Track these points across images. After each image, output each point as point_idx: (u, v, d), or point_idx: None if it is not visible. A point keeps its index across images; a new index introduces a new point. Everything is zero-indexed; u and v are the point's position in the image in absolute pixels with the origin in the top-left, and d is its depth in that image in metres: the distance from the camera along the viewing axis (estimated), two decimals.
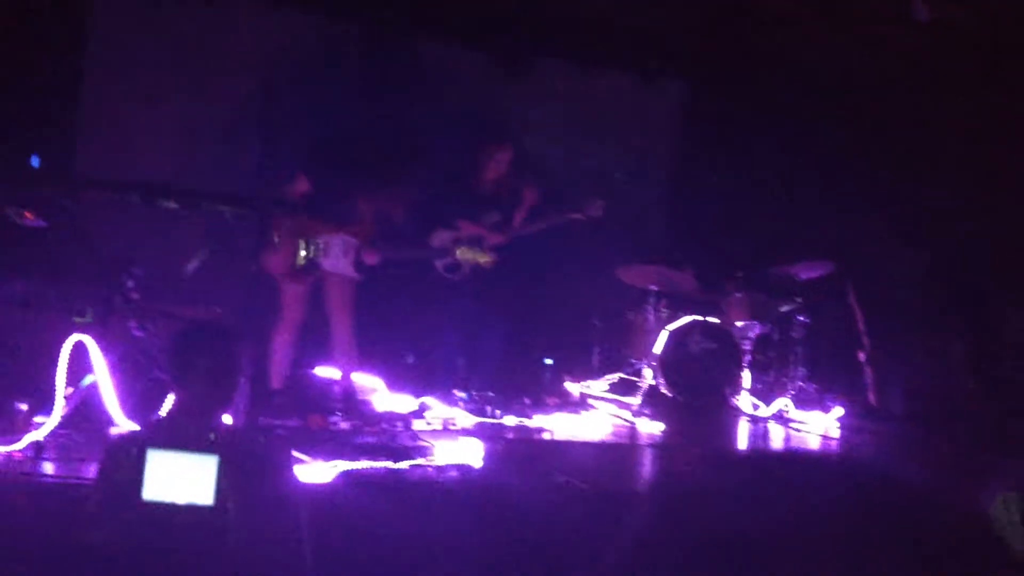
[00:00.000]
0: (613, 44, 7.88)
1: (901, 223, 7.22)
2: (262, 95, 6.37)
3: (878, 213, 7.33)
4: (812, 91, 7.87)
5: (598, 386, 7.01)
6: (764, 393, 6.93)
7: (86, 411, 4.09)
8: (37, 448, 3.80)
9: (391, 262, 5.84)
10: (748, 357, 6.92)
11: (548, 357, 7.31)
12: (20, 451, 3.77)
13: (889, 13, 6.85)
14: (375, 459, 4.15)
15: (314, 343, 5.70)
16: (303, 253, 5.20)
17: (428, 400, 5.71)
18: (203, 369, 2.85)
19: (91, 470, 3.33)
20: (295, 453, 4.00)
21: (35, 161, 4.42)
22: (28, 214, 4.43)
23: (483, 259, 5.92)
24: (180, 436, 2.79)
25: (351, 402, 5.28)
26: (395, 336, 6.75)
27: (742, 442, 6.21)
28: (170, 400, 3.00)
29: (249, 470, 2.76)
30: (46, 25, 6.29)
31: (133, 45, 6.73)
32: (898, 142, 7.66)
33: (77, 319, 4.83)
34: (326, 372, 5.93)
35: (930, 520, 4.39)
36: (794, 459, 5.89)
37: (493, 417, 5.60)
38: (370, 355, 6.04)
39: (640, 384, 6.64)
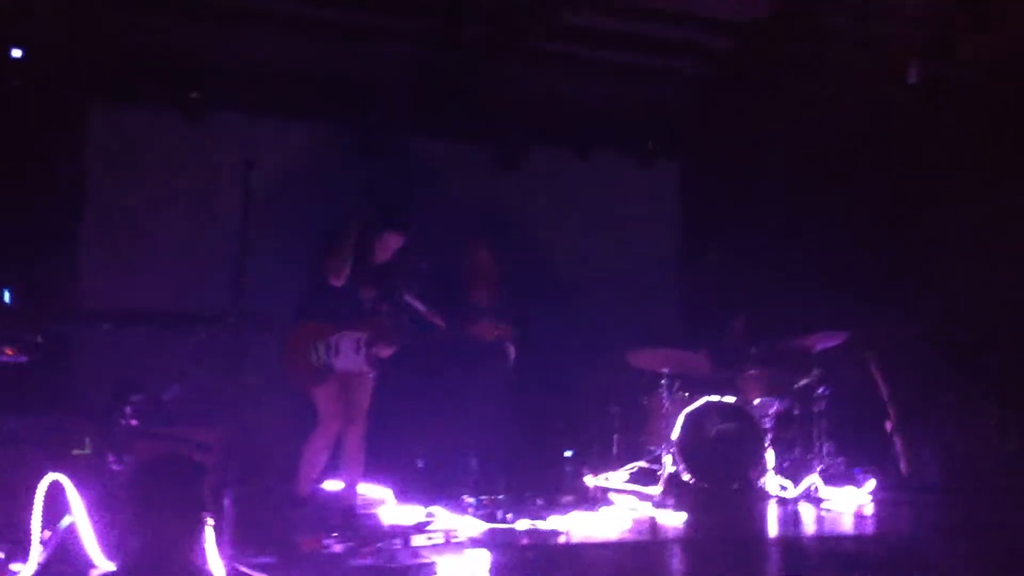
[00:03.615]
0: (608, 129, 7.89)
1: (918, 287, 7.02)
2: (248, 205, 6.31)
3: (893, 278, 7.14)
4: (814, 159, 7.78)
5: (617, 478, 6.74)
6: (791, 471, 6.62)
7: (65, 554, 3.90)
8: None
9: (411, 350, 5.71)
10: (770, 435, 6.64)
11: (567, 449, 7.09)
12: None
13: (883, 77, 6.82)
14: None
15: None
16: (315, 356, 5.11)
17: (436, 509, 5.46)
18: (163, 503, 2.69)
19: None
20: None
21: (6, 296, 4.34)
22: (8, 350, 4.33)
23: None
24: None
25: (351, 519, 5.06)
26: (406, 439, 6.56)
27: (773, 528, 5.88)
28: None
29: None
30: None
31: (125, 170, 6.83)
32: (913, 204, 7.50)
33: (76, 451, 4.70)
34: (332, 485, 5.72)
35: None
36: (833, 543, 5.53)
37: (504, 522, 5.34)
38: (379, 461, 5.86)
39: (660, 472, 6.37)
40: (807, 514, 6.11)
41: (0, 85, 6.20)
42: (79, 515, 3.87)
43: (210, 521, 3.47)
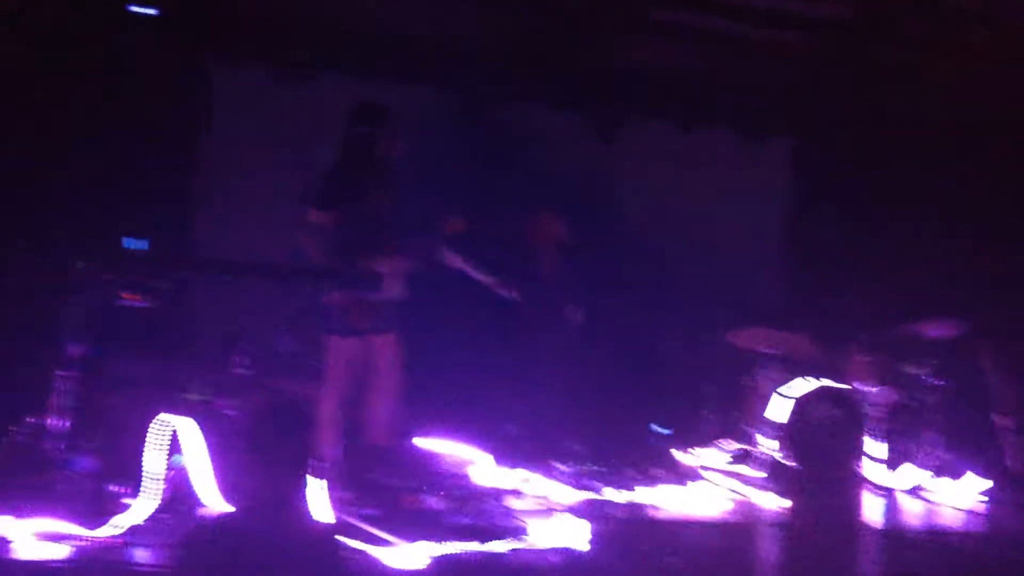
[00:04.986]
0: (712, 103, 7.71)
1: None
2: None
3: (1013, 267, 6.80)
4: (932, 139, 7.45)
5: (711, 456, 6.65)
6: (896, 463, 6.41)
7: (182, 493, 4.04)
8: (131, 532, 3.76)
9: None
10: (876, 424, 6.44)
11: (658, 425, 7.03)
12: (114, 536, 3.73)
13: (1005, 55, 6.48)
14: (470, 541, 3.94)
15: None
16: None
17: (528, 474, 5.47)
18: (277, 451, 2.75)
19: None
20: (385, 536, 3.84)
21: (131, 243, 4.49)
22: (128, 296, 4.49)
23: None
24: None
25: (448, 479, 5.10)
26: (495, 404, 6.60)
27: (875, 519, 5.71)
28: None
29: None
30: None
31: (241, 126, 7.01)
32: None
33: (185, 396, 4.87)
34: (426, 444, 5.79)
35: None
36: (935, 538, 5.33)
37: (596, 491, 5.32)
38: (468, 425, 5.90)
39: (759, 454, 6.25)
40: (912, 507, 5.92)
41: (124, 39, 6.41)
42: (194, 457, 4.00)
43: (320, 471, 3.54)
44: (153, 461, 3.90)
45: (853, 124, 7.69)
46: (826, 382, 6.49)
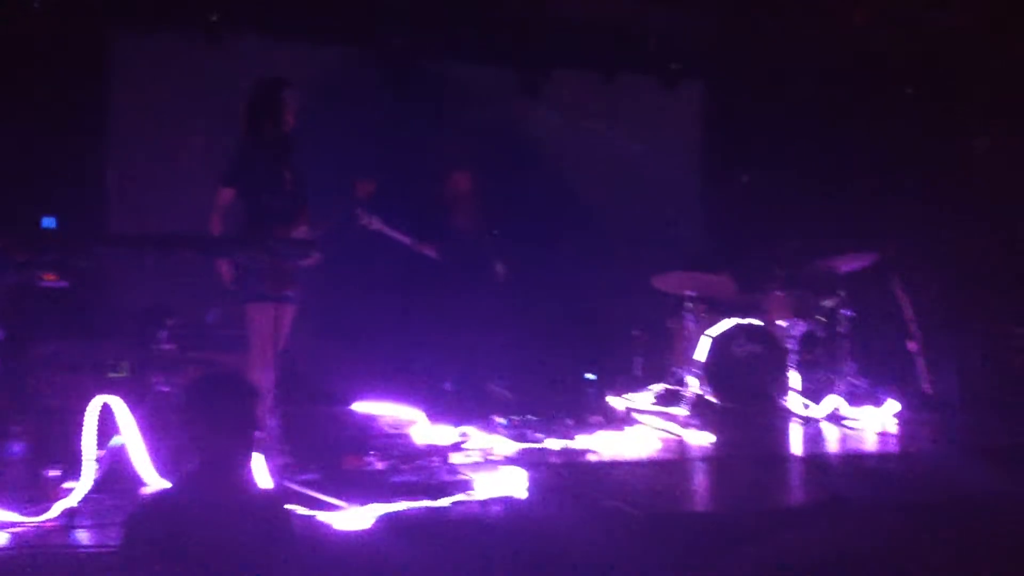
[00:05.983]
0: (631, 49, 7.76)
1: (943, 209, 6.97)
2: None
3: (918, 200, 7.10)
4: (840, 80, 7.66)
5: (642, 399, 6.83)
6: (814, 392, 6.70)
7: (117, 473, 4.01)
8: (70, 515, 3.73)
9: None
10: (794, 356, 6.70)
11: (590, 372, 7.16)
12: (53, 520, 3.70)
13: None
14: (414, 499, 4.02)
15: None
16: None
17: (467, 429, 5.57)
18: (216, 421, 2.75)
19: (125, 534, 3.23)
20: (329, 499, 3.89)
21: (48, 222, 4.37)
22: (48, 276, 4.38)
23: None
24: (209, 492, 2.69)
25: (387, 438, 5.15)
26: (432, 362, 6.64)
27: (797, 447, 5.98)
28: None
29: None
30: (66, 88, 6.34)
31: (148, 96, 6.80)
32: (942, 125, 7.40)
33: (112, 374, 4.79)
34: (362, 407, 5.82)
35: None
36: (856, 462, 5.61)
37: (535, 442, 5.44)
38: (408, 384, 5.94)
39: (685, 394, 6.45)
40: (831, 433, 6.20)
41: (21, 10, 6.14)
42: (129, 435, 3.97)
43: (258, 440, 3.54)
44: (87, 442, 3.86)
45: (768, 68, 7.82)
46: (747, 320, 6.70)
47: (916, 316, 6.92)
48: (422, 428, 5.73)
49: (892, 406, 6.60)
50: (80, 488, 3.84)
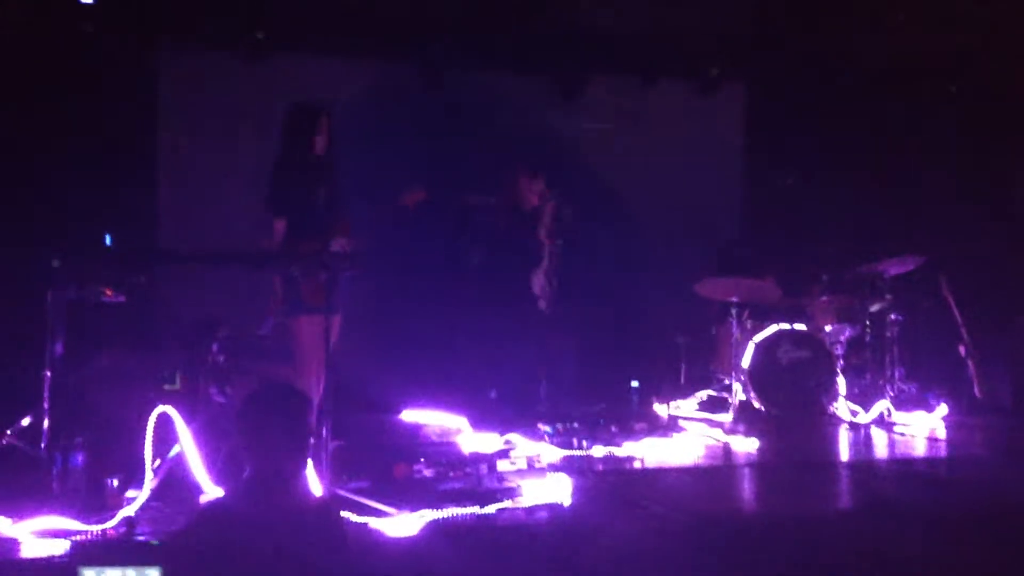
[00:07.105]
0: (669, 55, 7.77)
1: (991, 210, 6.88)
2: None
3: (966, 201, 7.01)
4: (885, 82, 7.58)
5: (687, 406, 6.83)
6: (862, 398, 6.64)
7: (175, 481, 4.12)
8: (129, 523, 3.84)
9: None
10: (841, 362, 6.65)
11: (634, 379, 7.17)
12: (113, 528, 3.81)
13: None
14: (462, 505, 4.08)
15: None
16: None
17: (513, 437, 5.61)
18: (271, 433, 2.82)
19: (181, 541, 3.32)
20: (379, 506, 3.96)
21: (108, 240, 4.52)
22: (107, 291, 4.52)
23: None
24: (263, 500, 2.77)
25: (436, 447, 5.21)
26: (476, 371, 6.70)
27: (845, 453, 5.93)
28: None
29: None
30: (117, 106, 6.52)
31: (197, 113, 6.98)
32: (990, 126, 7.29)
33: (167, 387, 4.93)
34: (411, 417, 5.90)
35: None
36: (905, 467, 5.55)
37: (580, 449, 5.47)
38: (453, 393, 6.01)
39: (730, 400, 6.44)
40: (879, 439, 6.14)
41: (74, 32, 6.34)
42: (185, 445, 4.08)
43: (311, 448, 3.62)
44: (146, 452, 3.98)
45: (810, 71, 7.77)
46: (792, 326, 6.66)
47: (964, 319, 6.83)
48: (468, 436, 5.80)
49: (942, 411, 6.53)
50: (139, 496, 3.96)
